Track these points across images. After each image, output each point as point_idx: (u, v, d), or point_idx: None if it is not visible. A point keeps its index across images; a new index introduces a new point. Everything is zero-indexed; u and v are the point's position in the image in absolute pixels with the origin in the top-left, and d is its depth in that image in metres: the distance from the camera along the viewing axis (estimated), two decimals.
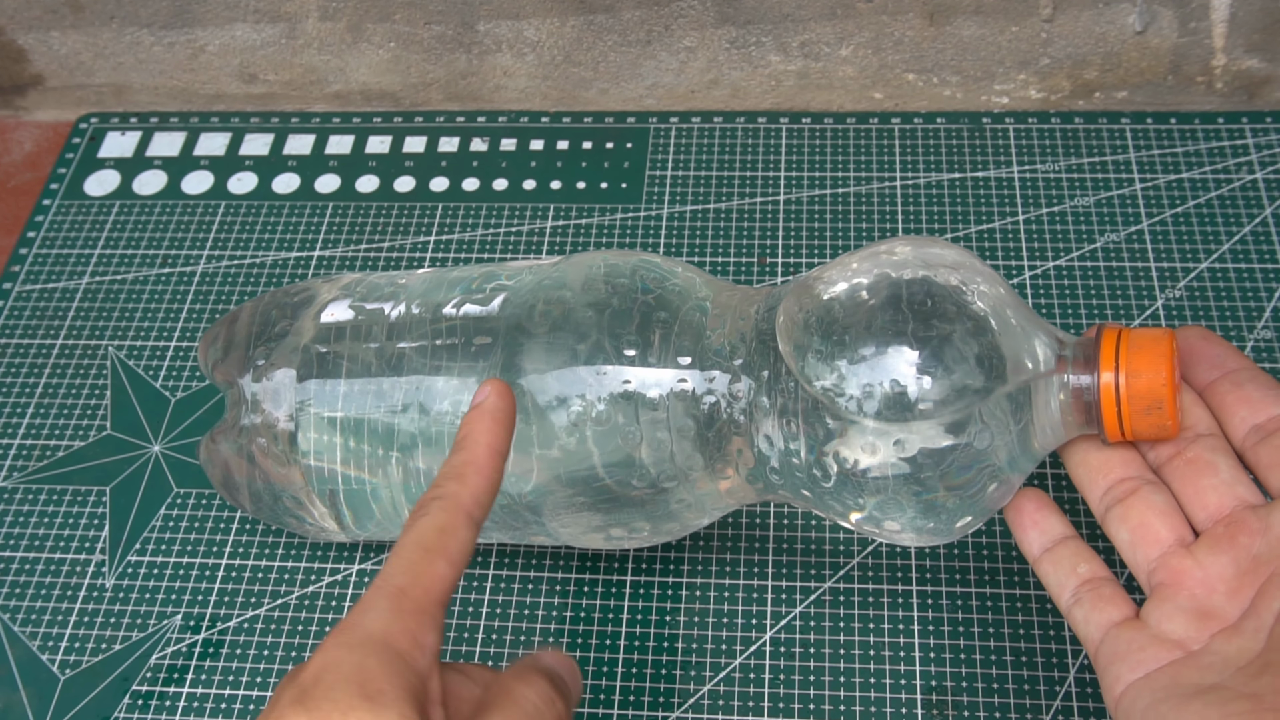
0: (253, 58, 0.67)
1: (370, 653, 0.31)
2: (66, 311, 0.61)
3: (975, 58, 0.63)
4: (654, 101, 0.67)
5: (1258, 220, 0.58)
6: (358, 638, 0.32)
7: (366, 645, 0.32)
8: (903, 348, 0.38)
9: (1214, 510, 0.39)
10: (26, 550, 0.53)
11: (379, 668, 0.31)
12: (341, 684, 0.31)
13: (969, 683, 0.46)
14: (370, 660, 0.31)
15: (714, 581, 0.49)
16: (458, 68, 0.66)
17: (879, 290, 0.40)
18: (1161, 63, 0.62)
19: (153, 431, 0.56)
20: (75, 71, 0.69)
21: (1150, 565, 0.39)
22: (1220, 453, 0.39)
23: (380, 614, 0.32)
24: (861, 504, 0.40)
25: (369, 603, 0.33)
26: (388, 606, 0.33)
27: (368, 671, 0.31)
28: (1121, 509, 0.40)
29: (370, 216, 0.63)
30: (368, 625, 0.32)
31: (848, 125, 0.64)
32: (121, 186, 0.65)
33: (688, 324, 0.42)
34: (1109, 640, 0.38)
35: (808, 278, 0.42)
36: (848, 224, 0.60)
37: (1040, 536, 0.41)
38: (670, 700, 0.47)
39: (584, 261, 0.44)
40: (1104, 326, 0.40)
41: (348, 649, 0.32)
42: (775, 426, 0.41)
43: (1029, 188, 0.60)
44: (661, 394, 0.42)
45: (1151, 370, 0.38)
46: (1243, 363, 0.41)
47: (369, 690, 0.31)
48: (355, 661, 0.31)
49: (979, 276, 0.40)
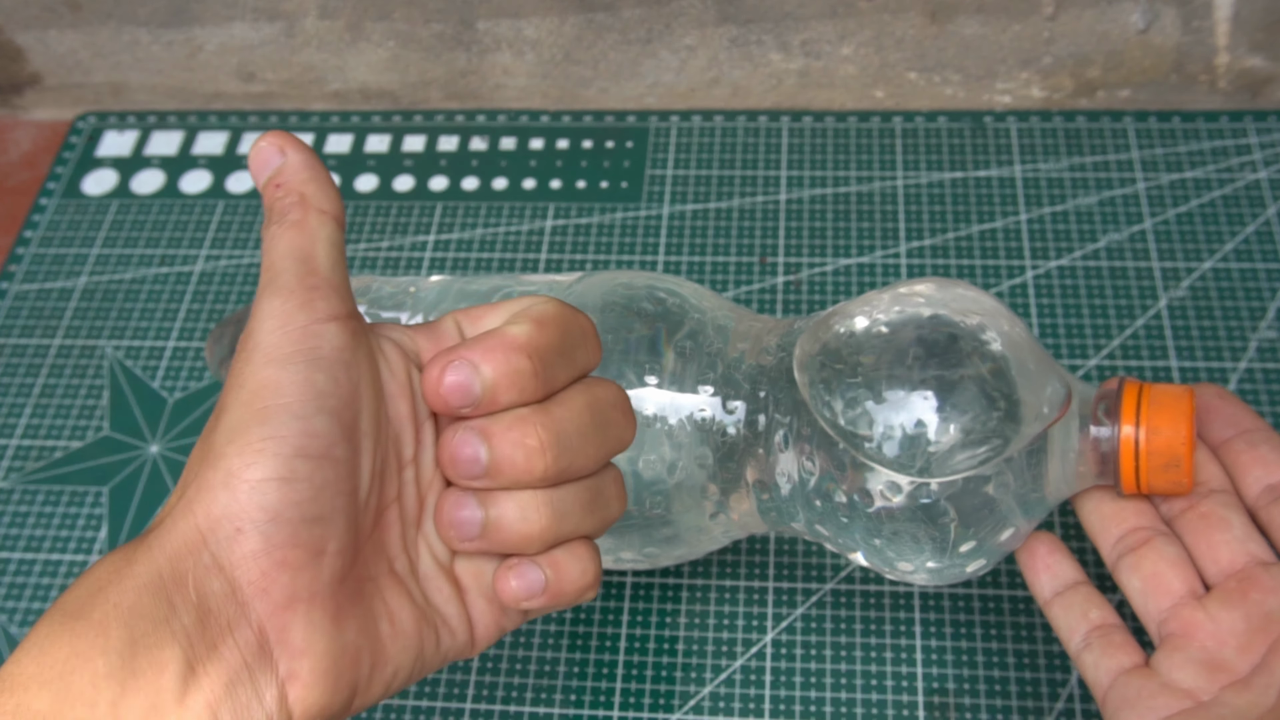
0: (251, 56, 0.67)
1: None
2: (64, 311, 0.60)
3: (977, 56, 0.63)
4: (654, 100, 0.66)
5: (1261, 219, 0.58)
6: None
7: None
8: (927, 392, 0.38)
9: (1226, 565, 0.39)
10: (24, 551, 0.52)
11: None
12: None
13: (971, 685, 0.46)
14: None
15: (714, 583, 0.49)
16: (457, 66, 0.66)
17: (901, 331, 0.39)
18: (1164, 61, 0.62)
19: (151, 432, 0.56)
20: (73, 70, 0.69)
21: (1161, 615, 0.39)
22: (1233, 509, 0.40)
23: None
24: (876, 544, 0.40)
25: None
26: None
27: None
28: (1134, 558, 0.40)
29: (369, 216, 0.62)
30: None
31: (849, 124, 0.64)
32: (119, 186, 0.65)
33: (709, 352, 0.42)
34: (1118, 686, 0.38)
35: (829, 314, 0.42)
36: (849, 223, 0.60)
37: (1052, 580, 0.41)
38: (670, 702, 0.46)
39: (604, 282, 0.44)
40: (1125, 380, 0.40)
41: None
42: (793, 460, 0.41)
43: (1031, 187, 0.60)
44: (680, 421, 0.41)
45: (1171, 428, 0.39)
46: (1258, 423, 0.42)
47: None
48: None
49: (1002, 321, 0.40)
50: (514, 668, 0.48)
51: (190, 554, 0.29)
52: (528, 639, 0.48)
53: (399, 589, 0.33)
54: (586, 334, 0.34)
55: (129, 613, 0.28)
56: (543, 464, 0.32)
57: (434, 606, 0.33)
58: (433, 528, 0.34)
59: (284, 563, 0.29)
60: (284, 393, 0.30)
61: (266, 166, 0.34)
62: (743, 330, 0.43)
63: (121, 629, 0.28)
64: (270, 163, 0.34)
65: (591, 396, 0.34)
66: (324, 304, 0.32)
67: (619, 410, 0.34)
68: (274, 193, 0.33)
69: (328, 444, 0.30)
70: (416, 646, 0.32)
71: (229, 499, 0.29)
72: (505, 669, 0.47)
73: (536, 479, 0.32)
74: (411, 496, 0.33)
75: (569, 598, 0.34)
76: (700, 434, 0.41)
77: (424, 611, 0.33)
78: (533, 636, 0.48)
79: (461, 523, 0.33)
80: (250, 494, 0.29)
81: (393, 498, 0.33)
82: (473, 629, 0.34)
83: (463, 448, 0.32)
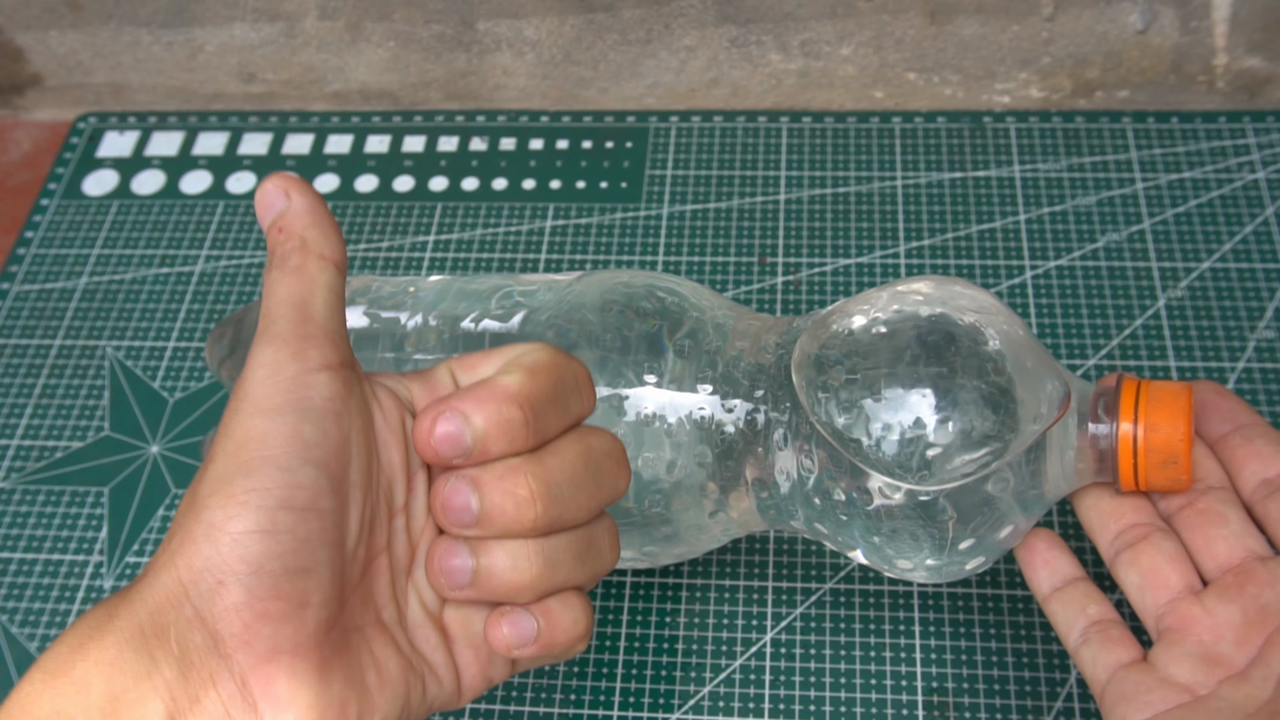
0: (251, 57, 0.67)
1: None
2: (65, 312, 0.60)
3: (976, 57, 0.63)
4: (654, 101, 0.67)
5: (1259, 220, 0.58)
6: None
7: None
8: (925, 391, 0.38)
9: (1223, 560, 0.39)
10: (25, 551, 0.53)
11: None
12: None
13: (970, 684, 0.46)
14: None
15: (714, 582, 0.49)
16: (457, 67, 0.66)
17: (898, 330, 0.39)
18: (1163, 62, 0.62)
19: (151, 432, 0.56)
20: (74, 71, 0.69)
21: (1159, 610, 0.39)
22: (1230, 505, 0.40)
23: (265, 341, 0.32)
24: (875, 542, 0.40)
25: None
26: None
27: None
28: (1132, 553, 0.40)
29: (369, 216, 0.63)
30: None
31: (848, 124, 0.64)
32: (120, 186, 0.65)
33: (708, 351, 0.42)
34: (1116, 681, 0.38)
35: (828, 313, 0.42)
36: (848, 223, 0.60)
37: (1050, 576, 0.42)
38: (670, 701, 0.46)
39: (603, 281, 0.44)
40: (1124, 377, 0.40)
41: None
42: (792, 458, 0.41)
43: (1030, 187, 0.60)
44: (680, 420, 0.41)
45: (1170, 425, 0.39)
46: (1254, 418, 0.42)
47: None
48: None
49: (1000, 320, 0.40)
50: None
51: (172, 606, 0.29)
52: None
53: (386, 638, 0.32)
54: (580, 381, 0.34)
55: (110, 668, 0.28)
56: (533, 513, 0.32)
57: (421, 655, 0.33)
58: (423, 575, 0.34)
59: (267, 615, 0.29)
60: (270, 444, 0.30)
61: (270, 209, 0.34)
62: (742, 329, 0.43)
63: (102, 685, 0.28)
64: (274, 206, 0.34)
65: (585, 446, 0.34)
66: (317, 353, 0.31)
67: (613, 460, 0.34)
68: (276, 236, 0.34)
69: (313, 495, 0.30)
70: (403, 696, 0.32)
71: (211, 551, 0.29)
72: None
73: (527, 528, 0.32)
74: (402, 544, 0.33)
75: (560, 648, 0.34)
76: (699, 432, 0.42)
77: (411, 661, 0.33)
78: None
79: (453, 571, 0.33)
80: (232, 546, 0.29)
81: (383, 546, 0.33)
82: (459, 678, 0.34)
83: (454, 496, 0.32)
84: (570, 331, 0.42)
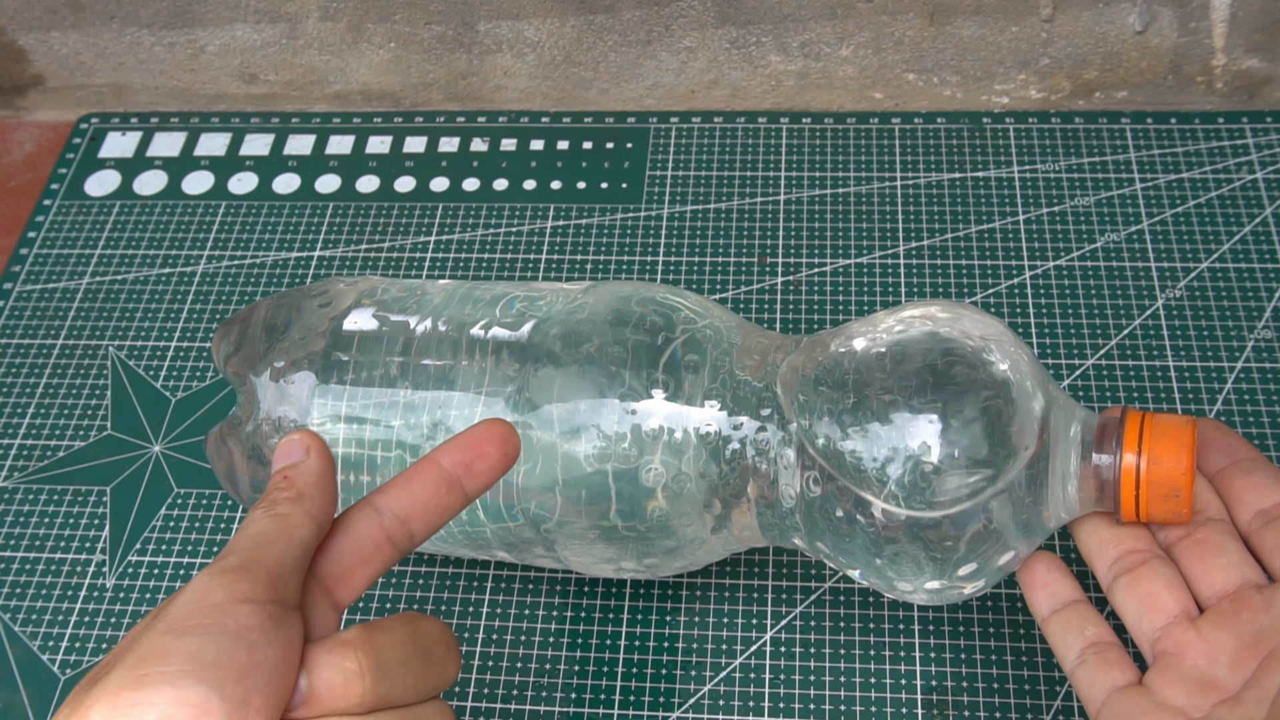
0: (253, 58, 0.67)
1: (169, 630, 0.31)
2: (67, 312, 0.61)
3: (975, 58, 0.63)
4: (654, 101, 0.67)
5: (1258, 220, 0.58)
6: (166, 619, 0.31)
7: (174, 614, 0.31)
8: (930, 415, 0.38)
9: (1220, 588, 0.39)
10: (27, 550, 0.53)
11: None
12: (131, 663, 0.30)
13: (969, 682, 0.46)
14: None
15: (714, 581, 0.49)
16: (458, 68, 0.67)
17: (902, 353, 0.39)
18: (1162, 62, 0.62)
19: (153, 432, 0.56)
20: (75, 72, 0.69)
21: (1155, 634, 0.39)
22: (1229, 536, 0.40)
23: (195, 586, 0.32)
24: (876, 564, 0.40)
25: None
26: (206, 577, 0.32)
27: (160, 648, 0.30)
28: (1130, 578, 0.40)
29: (370, 217, 0.63)
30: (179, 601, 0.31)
31: (848, 125, 0.64)
32: (122, 187, 0.66)
33: (717, 367, 0.42)
34: (1111, 703, 0.39)
35: (829, 334, 0.42)
36: (848, 224, 0.60)
37: (1050, 598, 0.42)
38: (670, 700, 0.47)
39: (613, 293, 0.44)
40: (1128, 409, 0.40)
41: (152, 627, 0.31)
42: (796, 478, 0.41)
43: (1029, 188, 0.60)
44: (685, 435, 0.42)
45: (1173, 459, 0.39)
46: (1253, 453, 0.42)
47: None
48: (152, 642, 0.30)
49: (1006, 345, 0.40)
50: (514, 666, 0.48)
51: None
52: (528, 637, 0.48)
53: None
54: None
55: None
56: (360, 688, 0.32)
57: None
58: None
59: None
60: (167, 662, 0.30)
61: (287, 458, 0.35)
62: (750, 346, 0.43)
63: None
64: (292, 456, 0.35)
65: (414, 628, 0.34)
66: (248, 586, 0.31)
67: (443, 645, 0.34)
68: (279, 481, 0.34)
69: (198, 714, 0.29)
70: None
71: None
72: (505, 667, 0.48)
73: (354, 704, 0.32)
74: None
75: None
76: (704, 448, 0.42)
77: None
78: (533, 635, 0.49)
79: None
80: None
81: None
82: None
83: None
84: (580, 343, 0.43)
